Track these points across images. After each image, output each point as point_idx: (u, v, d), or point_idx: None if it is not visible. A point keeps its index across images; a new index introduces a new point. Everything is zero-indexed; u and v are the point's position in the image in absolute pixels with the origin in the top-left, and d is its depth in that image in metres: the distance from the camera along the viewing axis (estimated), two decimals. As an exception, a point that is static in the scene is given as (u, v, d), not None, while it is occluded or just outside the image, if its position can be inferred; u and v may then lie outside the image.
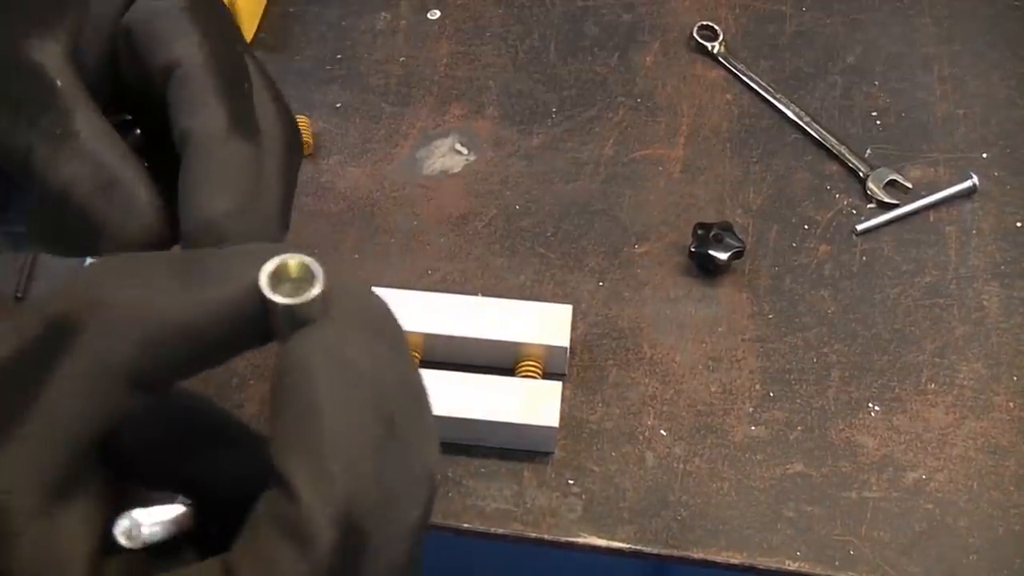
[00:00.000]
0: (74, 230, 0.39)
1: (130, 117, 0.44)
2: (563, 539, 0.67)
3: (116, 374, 0.28)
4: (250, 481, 0.29)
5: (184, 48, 0.39)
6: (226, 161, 0.38)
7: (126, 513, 0.29)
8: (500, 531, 0.67)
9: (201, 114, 0.38)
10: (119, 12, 0.41)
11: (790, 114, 0.86)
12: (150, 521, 0.29)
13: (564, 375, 0.72)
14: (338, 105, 0.86)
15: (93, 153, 0.38)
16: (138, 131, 0.44)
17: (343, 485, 0.27)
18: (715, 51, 0.90)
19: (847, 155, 0.83)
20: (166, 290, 0.29)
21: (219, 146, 0.38)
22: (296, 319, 0.30)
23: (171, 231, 0.39)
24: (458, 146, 0.84)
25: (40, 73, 0.38)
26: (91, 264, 0.31)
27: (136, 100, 0.43)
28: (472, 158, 0.84)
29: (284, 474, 0.27)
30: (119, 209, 0.38)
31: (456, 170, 0.83)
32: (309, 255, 0.31)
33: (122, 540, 0.29)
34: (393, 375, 0.29)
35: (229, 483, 0.32)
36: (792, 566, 0.66)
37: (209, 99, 0.38)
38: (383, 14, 0.92)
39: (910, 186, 0.82)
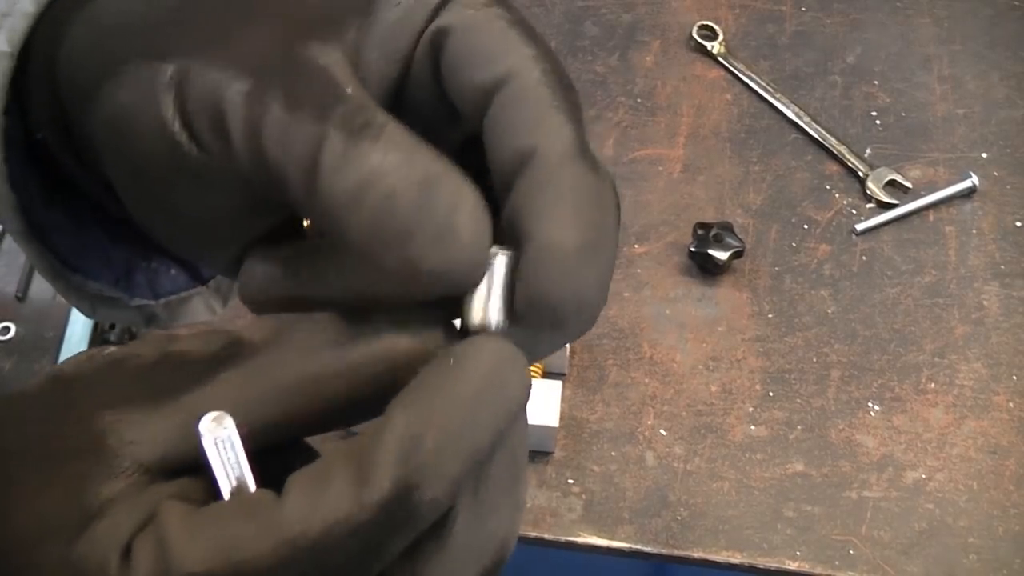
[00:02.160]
0: (364, 244, 0.29)
1: None
2: (563, 539, 0.67)
3: (270, 403, 0.29)
4: None
5: (518, 62, 0.33)
6: (578, 188, 0.31)
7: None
8: (500, 531, 0.67)
9: (545, 131, 0.32)
10: (416, 29, 0.33)
11: (790, 114, 0.86)
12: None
13: (564, 375, 0.72)
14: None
15: (406, 146, 0.29)
16: None
17: (425, 462, 0.27)
18: (715, 51, 0.90)
19: (847, 155, 0.83)
20: (331, 335, 0.30)
21: (569, 169, 0.31)
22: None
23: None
24: (458, 146, 0.84)
25: (326, 75, 0.30)
26: (259, 318, 0.30)
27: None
28: (472, 158, 0.84)
29: (385, 417, 0.27)
30: (443, 209, 0.28)
31: (456, 170, 0.83)
32: None
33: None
34: (521, 432, 0.30)
35: None
36: (792, 566, 0.66)
37: (552, 117, 0.32)
38: (383, 14, 0.92)
39: (910, 186, 0.82)
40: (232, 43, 0.31)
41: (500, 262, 0.30)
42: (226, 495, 0.28)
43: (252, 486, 0.28)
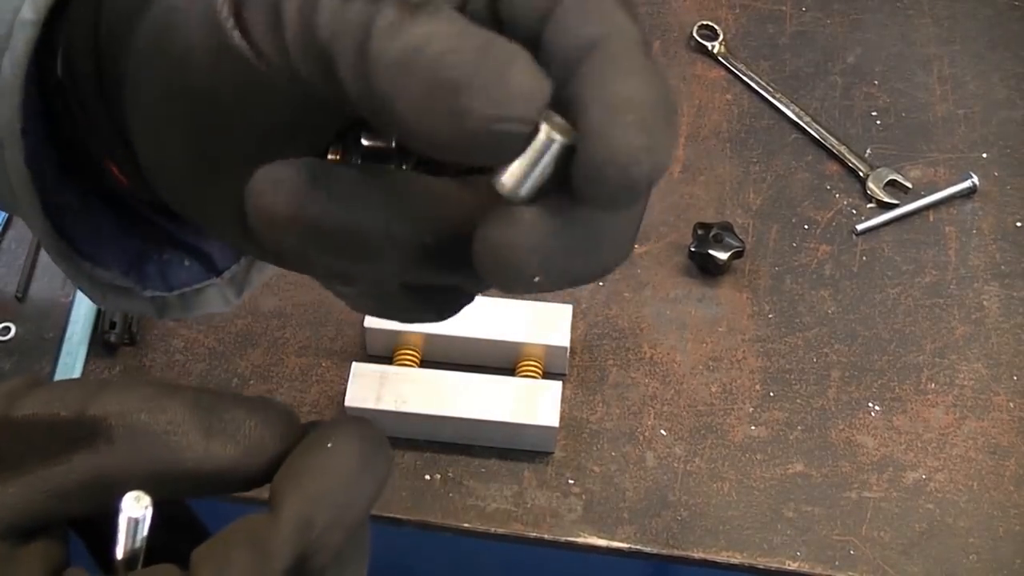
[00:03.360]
0: (416, 100, 0.27)
1: None
2: (563, 539, 0.67)
3: (114, 487, 0.30)
4: None
5: None
6: (647, 70, 0.29)
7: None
8: (500, 531, 0.67)
9: (612, 23, 0.29)
10: None
11: (790, 114, 0.86)
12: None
13: (564, 375, 0.72)
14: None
15: (460, 19, 0.28)
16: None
17: (318, 538, 0.30)
18: (715, 51, 0.90)
19: (847, 155, 0.83)
20: (187, 433, 0.30)
21: (638, 55, 0.29)
22: None
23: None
24: (458, 146, 0.84)
25: None
26: (122, 384, 0.31)
27: None
28: (472, 158, 0.84)
29: (274, 500, 0.30)
30: (496, 64, 0.27)
31: (456, 170, 0.83)
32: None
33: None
34: (368, 495, 0.32)
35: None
36: (792, 566, 0.66)
37: (619, 13, 0.29)
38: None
39: (910, 186, 0.82)
40: None
41: (551, 141, 0.28)
42: (120, 568, 0.30)
43: (140, 562, 0.31)
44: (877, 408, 0.72)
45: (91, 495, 0.30)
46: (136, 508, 0.29)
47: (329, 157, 0.32)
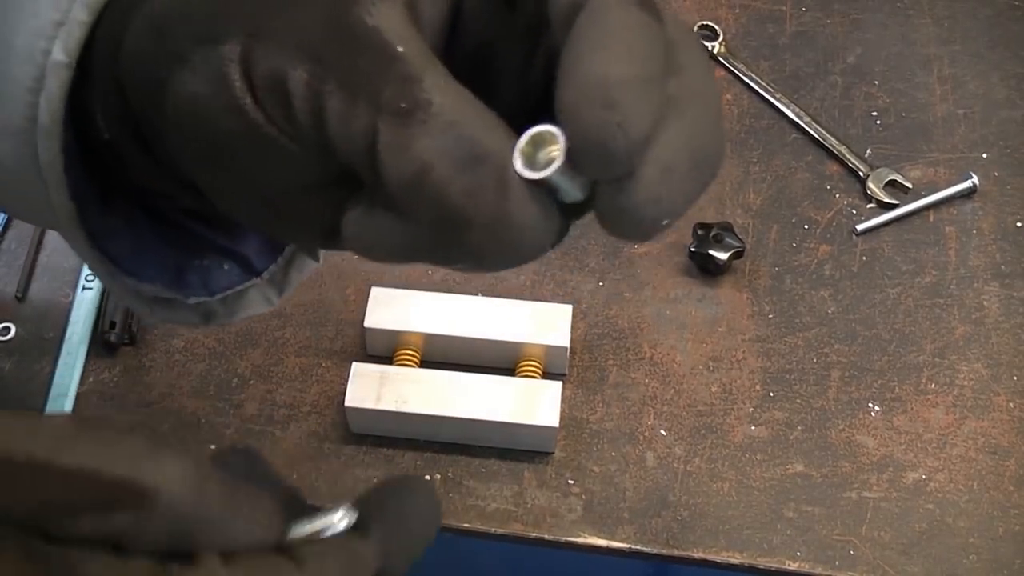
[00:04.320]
0: (433, 229, 0.32)
1: None
2: (563, 539, 0.67)
3: (136, 545, 0.31)
4: None
5: None
6: (629, 25, 0.30)
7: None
8: (500, 531, 0.67)
9: None
10: None
11: (790, 114, 0.86)
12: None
13: (564, 375, 0.72)
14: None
15: (451, 124, 0.31)
16: None
17: (393, 564, 0.34)
18: (715, 51, 0.90)
19: (847, 155, 0.83)
20: (220, 522, 0.32)
21: (622, 10, 0.30)
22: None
23: (560, 224, 0.32)
24: (458, 146, 0.84)
25: (376, 40, 0.31)
26: (172, 454, 0.31)
27: (472, 67, 0.35)
28: (472, 158, 0.84)
29: (365, 522, 0.34)
30: (491, 190, 0.30)
31: (456, 170, 0.83)
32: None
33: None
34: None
35: None
36: (792, 566, 0.66)
37: None
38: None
39: (910, 186, 0.82)
40: (285, 17, 0.32)
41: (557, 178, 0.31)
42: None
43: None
44: (877, 408, 0.72)
45: (120, 544, 0.30)
46: (344, 522, 0.34)
47: None
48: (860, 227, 0.80)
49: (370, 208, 0.34)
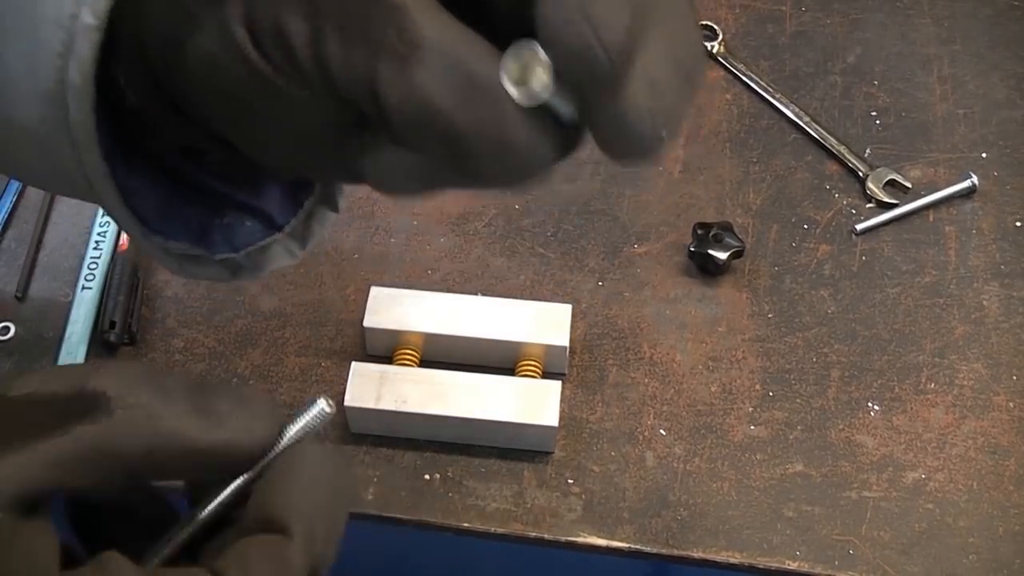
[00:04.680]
0: (442, 158, 0.34)
1: None
2: (563, 539, 0.67)
3: (112, 459, 0.31)
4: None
5: None
6: None
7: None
8: (500, 531, 0.67)
9: None
10: None
11: (790, 114, 0.86)
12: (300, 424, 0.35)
13: (564, 375, 0.72)
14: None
15: (445, 57, 0.32)
16: None
17: (321, 551, 0.33)
18: (715, 51, 0.90)
19: (847, 155, 0.83)
20: (181, 414, 0.32)
21: None
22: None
23: (560, 140, 0.34)
24: (458, 146, 0.84)
25: None
26: (118, 364, 0.32)
27: None
28: (472, 158, 0.84)
29: (280, 519, 0.33)
30: (490, 119, 0.32)
31: (456, 170, 0.83)
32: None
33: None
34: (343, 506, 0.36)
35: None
36: (792, 566, 0.66)
37: None
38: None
39: (910, 186, 0.82)
40: None
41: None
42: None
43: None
44: (877, 408, 0.72)
45: (90, 467, 0.31)
46: (329, 406, 0.35)
47: None
48: (860, 227, 0.80)
49: (385, 145, 0.36)
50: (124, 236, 0.77)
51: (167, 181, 0.43)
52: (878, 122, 0.86)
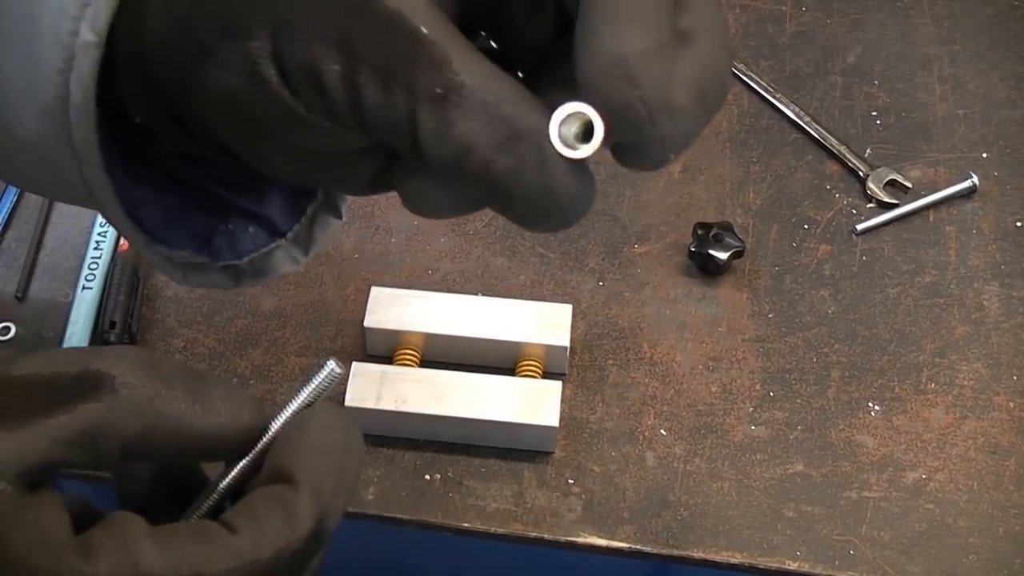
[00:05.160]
0: (480, 197, 0.35)
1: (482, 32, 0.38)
2: (563, 539, 0.67)
3: (112, 438, 0.33)
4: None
5: None
6: None
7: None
8: (500, 531, 0.67)
9: None
10: None
11: (790, 114, 0.86)
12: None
13: (564, 375, 0.72)
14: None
15: (485, 105, 0.32)
16: (483, 33, 0.38)
17: (329, 502, 0.35)
18: (715, 51, 0.89)
19: (847, 155, 0.83)
20: (178, 399, 0.34)
21: None
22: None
23: (589, 184, 0.35)
24: (458, 146, 0.84)
25: (400, 22, 0.33)
26: (119, 348, 0.34)
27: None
28: (472, 158, 0.84)
29: (289, 471, 0.35)
30: (530, 165, 0.33)
31: (456, 170, 0.83)
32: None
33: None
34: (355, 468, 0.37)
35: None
36: (792, 566, 0.66)
37: None
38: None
39: (910, 186, 0.82)
40: (307, 5, 0.33)
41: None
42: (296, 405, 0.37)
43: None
44: (877, 408, 0.72)
45: (94, 444, 0.32)
46: (339, 367, 0.36)
47: None
48: (860, 227, 0.80)
49: (419, 175, 0.37)
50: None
51: (170, 188, 0.43)
52: (878, 122, 0.86)
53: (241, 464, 0.36)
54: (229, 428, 0.35)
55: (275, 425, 0.36)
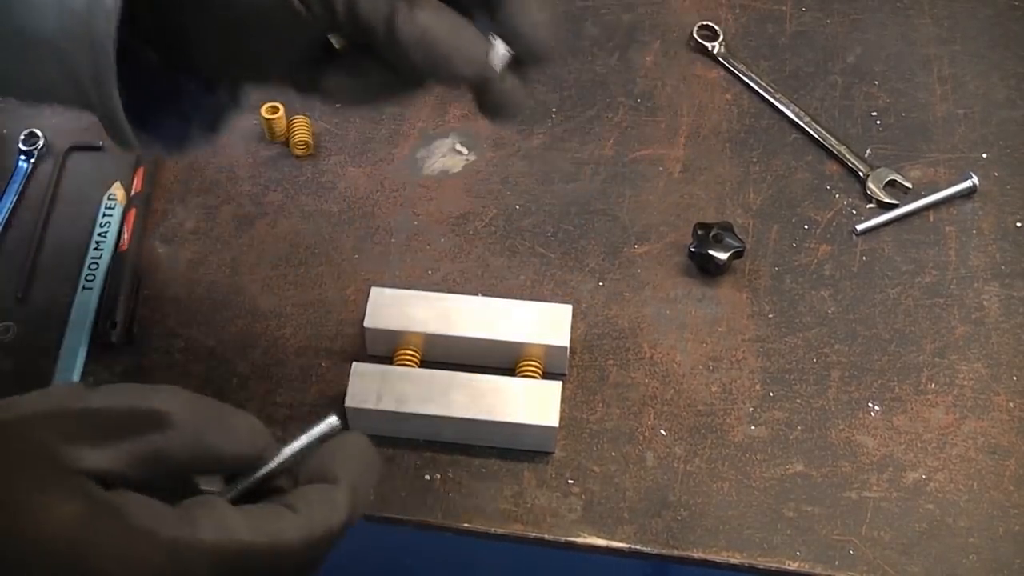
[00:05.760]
0: (417, 72, 0.52)
1: None
2: (563, 539, 0.67)
3: (168, 460, 0.42)
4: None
5: None
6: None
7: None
8: (500, 531, 0.67)
9: None
10: None
11: (790, 114, 0.86)
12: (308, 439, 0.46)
13: (564, 375, 0.72)
14: (338, 105, 0.86)
15: (438, 7, 0.51)
16: None
17: (357, 505, 0.44)
18: (715, 51, 0.90)
19: (847, 155, 0.83)
20: (215, 432, 0.44)
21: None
22: None
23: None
24: (458, 146, 0.84)
25: None
26: (168, 389, 0.43)
27: None
28: (472, 158, 0.84)
29: (333, 472, 0.44)
30: (468, 44, 0.51)
31: (456, 170, 0.83)
32: None
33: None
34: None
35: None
36: (792, 566, 0.66)
37: None
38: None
39: (910, 186, 0.82)
40: None
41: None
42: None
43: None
44: (877, 408, 0.72)
45: (154, 466, 0.41)
46: (337, 426, 0.45)
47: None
48: (860, 227, 0.80)
49: (354, 66, 0.54)
50: (124, 236, 0.77)
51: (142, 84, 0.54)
52: (878, 122, 0.86)
53: (252, 478, 0.44)
54: (246, 453, 0.44)
55: (286, 451, 0.45)
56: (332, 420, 0.45)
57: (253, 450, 0.44)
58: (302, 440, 0.45)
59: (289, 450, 0.45)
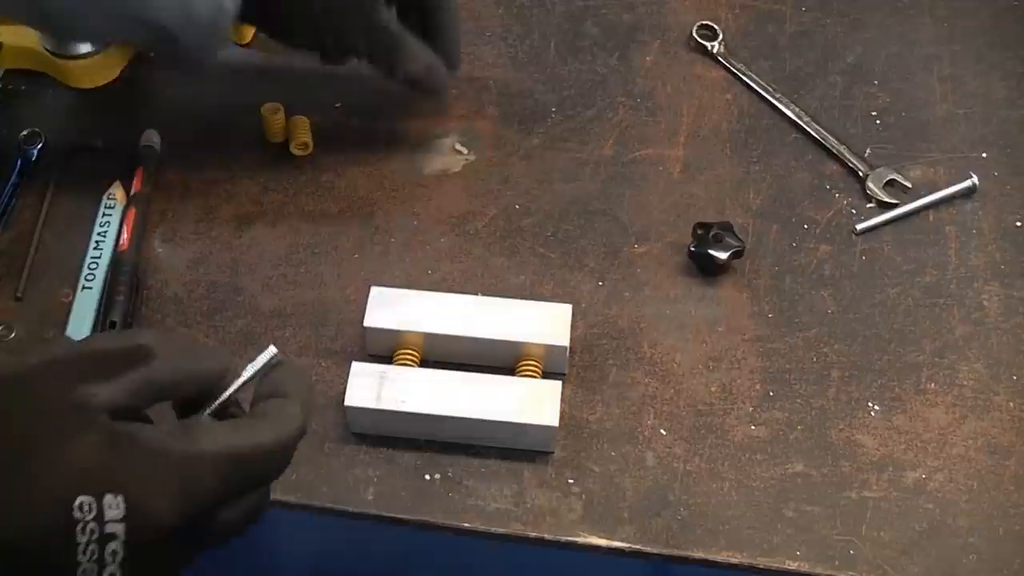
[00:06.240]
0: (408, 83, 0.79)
1: None
2: (563, 539, 0.67)
3: (156, 386, 0.48)
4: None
5: None
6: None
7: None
8: (500, 531, 0.67)
9: None
10: None
11: (790, 114, 0.86)
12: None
13: (564, 375, 0.72)
14: (338, 105, 0.86)
15: (417, 54, 0.77)
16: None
17: (308, 414, 0.50)
18: (715, 51, 0.90)
19: (847, 155, 0.83)
20: (190, 359, 0.49)
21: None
22: None
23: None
24: (458, 146, 0.84)
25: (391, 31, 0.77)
26: (148, 329, 0.52)
27: None
28: (472, 158, 0.84)
29: (284, 390, 0.50)
30: (438, 79, 0.80)
31: (456, 170, 0.83)
32: None
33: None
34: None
35: None
36: (792, 566, 0.66)
37: None
38: (383, 14, 0.92)
39: (910, 186, 0.82)
40: None
41: None
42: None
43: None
44: (877, 408, 0.72)
45: (147, 393, 0.47)
46: (277, 354, 0.50)
47: None
48: (860, 227, 0.80)
49: None
50: (124, 236, 0.77)
51: None
52: (878, 122, 0.86)
53: (212, 406, 0.49)
54: (214, 370, 0.49)
55: (237, 382, 0.50)
56: (272, 350, 0.50)
57: (221, 366, 0.49)
58: (249, 370, 0.50)
59: (240, 380, 0.50)
